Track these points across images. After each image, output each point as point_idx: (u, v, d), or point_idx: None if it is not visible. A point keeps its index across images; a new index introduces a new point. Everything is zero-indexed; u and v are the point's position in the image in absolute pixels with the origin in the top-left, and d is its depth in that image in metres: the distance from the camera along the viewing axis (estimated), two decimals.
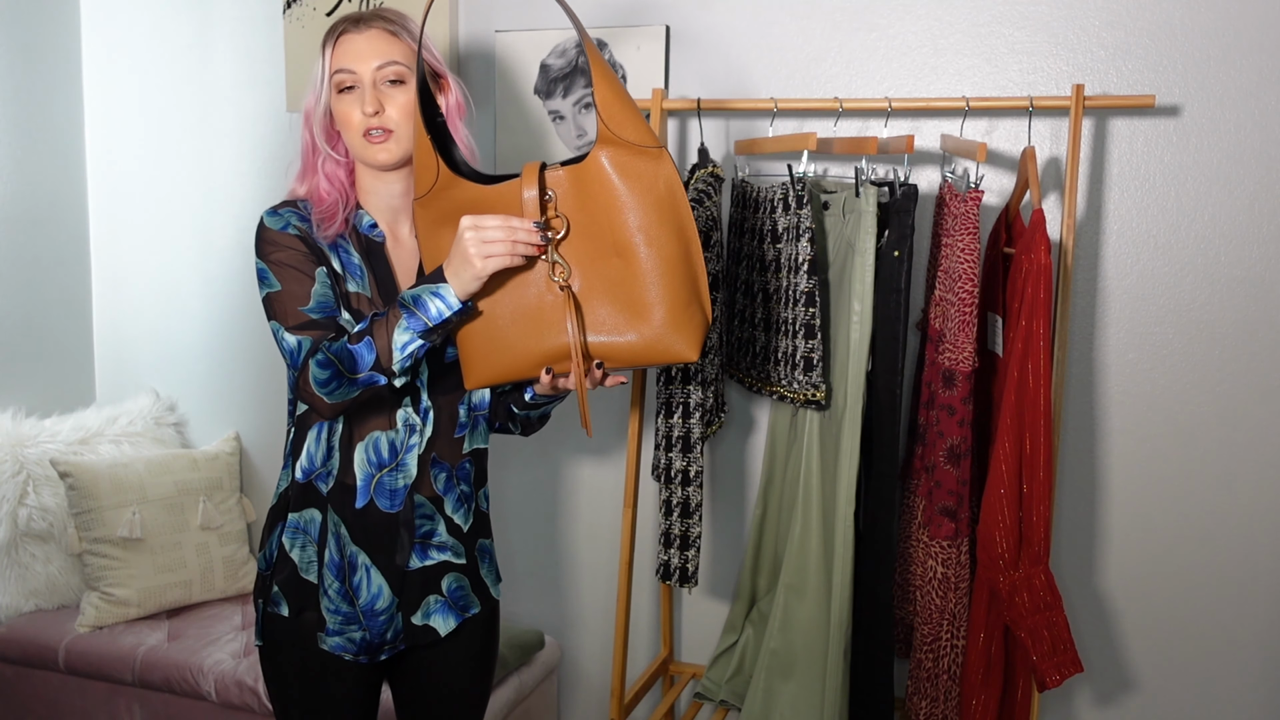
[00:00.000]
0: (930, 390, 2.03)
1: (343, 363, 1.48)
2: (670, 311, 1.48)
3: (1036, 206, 1.88)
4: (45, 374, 2.93)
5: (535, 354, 1.52)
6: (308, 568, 1.63)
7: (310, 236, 1.60)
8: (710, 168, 2.20)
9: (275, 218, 1.61)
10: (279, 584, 1.63)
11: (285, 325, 1.54)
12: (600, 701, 2.73)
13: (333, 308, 1.57)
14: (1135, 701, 2.33)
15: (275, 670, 1.67)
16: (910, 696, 2.12)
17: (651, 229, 1.47)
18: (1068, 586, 2.32)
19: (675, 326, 1.48)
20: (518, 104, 2.55)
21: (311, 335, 1.53)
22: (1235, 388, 2.19)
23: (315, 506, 1.63)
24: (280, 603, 1.63)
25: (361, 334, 1.48)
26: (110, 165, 2.97)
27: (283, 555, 1.64)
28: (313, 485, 1.63)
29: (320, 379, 1.49)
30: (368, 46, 1.57)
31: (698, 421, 2.11)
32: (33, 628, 2.57)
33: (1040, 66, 2.22)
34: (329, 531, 1.62)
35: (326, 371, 1.49)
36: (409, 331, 1.46)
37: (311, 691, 1.66)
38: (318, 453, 1.62)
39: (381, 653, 1.67)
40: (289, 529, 1.63)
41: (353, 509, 1.62)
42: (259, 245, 1.59)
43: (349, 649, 1.63)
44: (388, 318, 1.47)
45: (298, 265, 1.57)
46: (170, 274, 2.95)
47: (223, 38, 2.81)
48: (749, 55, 2.40)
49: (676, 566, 2.19)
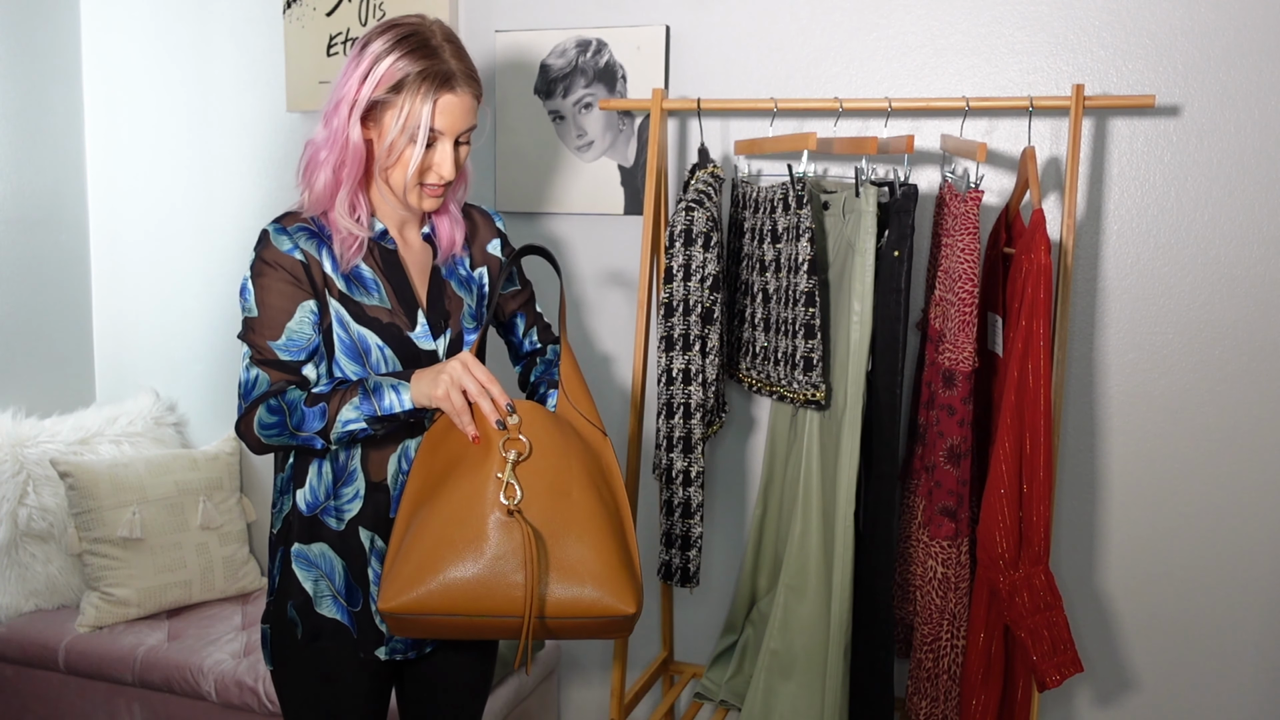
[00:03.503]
0: (930, 390, 2.03)
1: (291, 417, 1.51)
2: (623, 565, 1.47)
3: (1036, 206, 1.88)
4: (45, 374, 2.93)
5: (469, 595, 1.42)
6: (321, 601, 1.63)
7: (317, 262, 1.57)
8: (710, 168, 2.20)
9: (283, 236, 1.57)
10: (295, 610, 1.63)
11: (250, 354, 1.55)
12: (600, 701, 2.73)
13: (302, 347, 1.55)
14: (1135, 701, 2.34)
15: (291, 690, 1.68)
16: (910, 696, 2.12)
17: (593, 488, 1.49)
18: (1068, 586, 2.32)
19: (626, 579, 1.46)
20: (518, 104, 2.55)
21: (270, 375, 1.54)
22: (1235, 388, 2.19)
23: (325, 541, 1.63)
24: (296, 627, 1.63)
25: (318, 399, 1.51)
26: (110, 165, 2.97)
27: (295, 584, 1.63)
28: (319, 520, 1.62)
29: (266, 423, 1.52)
30: (463, 114, 1.56)
31: (698, 422, 2.11)
32: (33, 628, 2.57)
33: (1040, 66, 2.22)
34: (367, 549, 1.62)
35: (274, 418, 1.52)
36: (357, 411, 1.49)
37: (330, 708, 1.67)
38: (320, 486, 1.62)
39: (430, 643, 1.70)
40: (299, 559, 1.63)
41: (388, 518, 1.63)
42: (255, 258, 1.57)
43: (399, 649, 1.66)
44: (345, 392, 1.50)
45: (283, 295, 1.55)
46: (170, 274, 2.95)
47: (223, 38, 2.81)
48: (749, 55, 2.40)
49: (678, 567, 2.19)
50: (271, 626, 1.67)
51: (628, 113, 2.48)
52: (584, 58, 2.48)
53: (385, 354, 1.59)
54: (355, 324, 1.58)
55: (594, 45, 2.47)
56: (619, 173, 2.50)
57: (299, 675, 1.66)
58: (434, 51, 1.53)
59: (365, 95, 1.52)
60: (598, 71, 2.47)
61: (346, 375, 1.59)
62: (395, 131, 1.52)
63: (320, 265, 1.57)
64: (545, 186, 2.55)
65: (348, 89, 1.54)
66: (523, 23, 2.55)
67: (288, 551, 1.64)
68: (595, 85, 2.48)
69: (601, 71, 2.47)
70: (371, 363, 1.59)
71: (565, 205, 2.54)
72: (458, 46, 1.57)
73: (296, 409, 1.51)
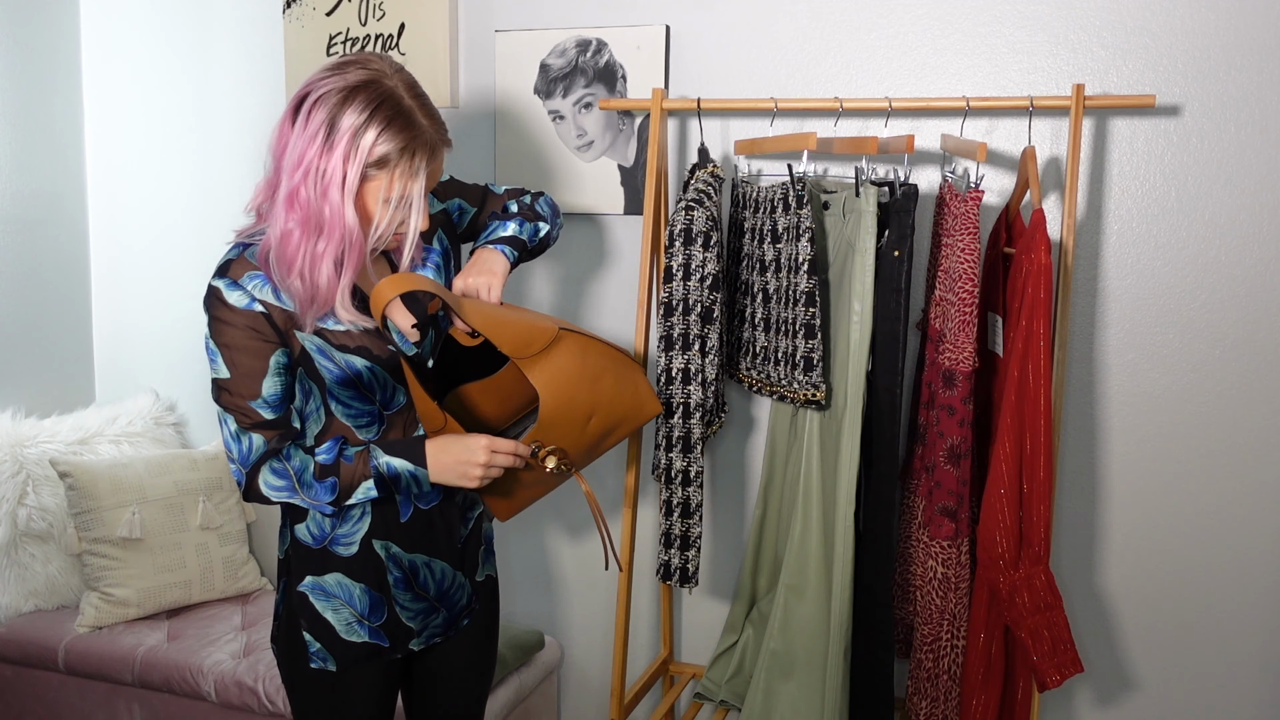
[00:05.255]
0: (930, 390, 2.03)
1: (300, 483, 1.52)
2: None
3: (1037, 206, 1.88)
4: (45, 374, 2.93)
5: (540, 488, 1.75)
6: (348, 629, 1.62)
7: (277, 308, 1.48)
8: (710, 168, 2.20)
9: (235, 290, 1.47)
10: (321, 643, 1.62)
11: (235, 421, 1.50)
12: (600, 701, 2.73)
13: (281, 399, 1.52)
14: (1135, 701, 2.33)
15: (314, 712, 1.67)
16: (910, 696, 2.12)
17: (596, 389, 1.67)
18: (1068, 586, 2.32)
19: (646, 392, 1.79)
20: (518, 104, 2.55)
21: (264, 435, 1.51)
22: (1235, 388, 2.19)
23: (339, 571, 1.62)
24: (327, 660, 1.63)
25: (326, 472, 1.51)
26: (110, 165, 2.97)
27: (314, 615, 1.62)
28: (329, 551, 1.61)
29: (275, 486, 1.52)
30: (438, 172, 1.53)
31: (698, 422, 2.11)
32: (32, 628, 2.56)
33: (1040, 66, 2.22)
34: (384, 558, 1.62)
35: (283, 481, 1.52)
36: (372, 493, 1.54)
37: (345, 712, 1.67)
38: (325, 519, 1.61)
39: (465, 617, 1.75)
40: (315, 592, 1.62)
41: (399, 524, 1.63)
42: (210, 320, 1.47)
43: (436, 634, 1.70)
44: (356, 471, 1.52)
45: (251, 353, 1.47)
46: (170, 274, 2.95)
47: (223, 38, 2.81)
48: (749, 55, 2.39)
49: (677, 567, 2.19)
50: (283, 651, 1.65)
51: (628, 112, 2.48)
52: (584, 57, 2.48)
53: (376, 371, 1.56)
54: (339, 352, 1.53)
55: (594, 45, 2.46)
56: (619, 172, 2.50)
57: (322, 696, 1.66)
58: (409, 117, 1.45)
59: (354, 178, 1.43)
60: (598, 71, 2.47)
61: (343, 403, 1.56)
62: (379, 207, 1.47)
63: (281, 308, 1.49)
64: (545, 186, 2.55)
65: (330, 171, 1.42)
66: (523, 23, 2.55)
67: (295, 583, 1.63)
68: (595, 85, 2.48)
69: (601, 71, 2.47)
70: (365, 384, 1.56)
71: (565, 205, 2.54)
72: (423, 100, 1.49)
73: (305, 479, 1.52)
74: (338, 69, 1.46)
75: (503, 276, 1.67)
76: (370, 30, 2.64)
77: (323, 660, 1.62)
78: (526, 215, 1.79)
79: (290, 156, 1.44)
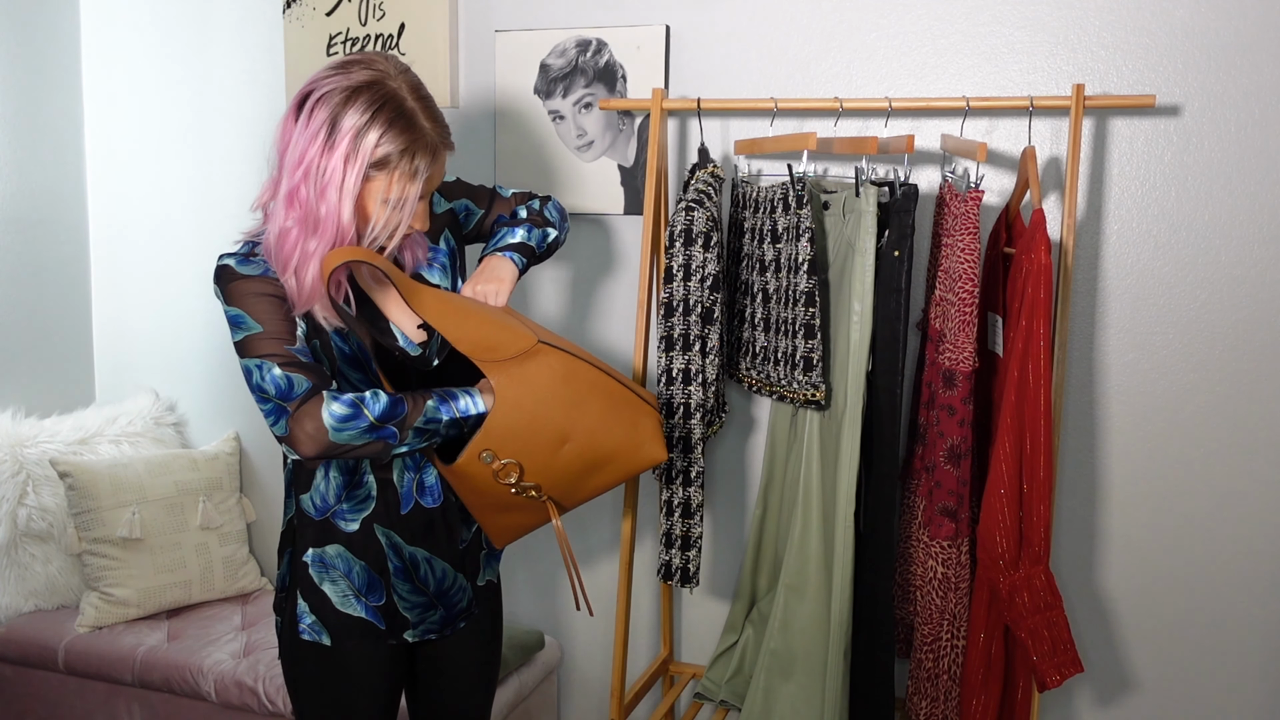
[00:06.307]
0: (930, 390, 2.03)
1: (364, 404, 1.45)
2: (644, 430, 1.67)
3: (1037, 206, 1.88)
4: (45, 374, 2.93)
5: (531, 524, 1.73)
6: (344, 601, 1.63)
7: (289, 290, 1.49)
8: (710, 168, 2.20)
9: (247, 264, 1.48)
10: (315, 614, 1.63)
11: (277, 365, 1.43)
12: (600, 701, 2.73)
13: (314, 358, 1.49)
14: (1135, 701, 2.33)
15: (305, 686, 1.68)
16: (910, 696, 2.12)
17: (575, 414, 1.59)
18: (1068, 586, 2.32)
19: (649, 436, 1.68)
20: (518, 104, 2.55)
21: (308, 378, 1.45)
22: (1235, 388, 2.19)
23: (340, 544, 1.62)
24: (320, 633, 1.63)
25: (390, 398, 1.48)
26: (110, 165, 2.97)
27: (310, 585, 1.62)
28: (331, 524, 1.61)
29: (340, 415, 1.43)
30: (440, 174, 1.53)
31: (698, 422, 2.11)
32: (32, 628, 2.57)
33: (1040, 66, 2.22)
34: (384, 545, 1.63)
35: (349, 409, 1.44)
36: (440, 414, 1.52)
37: (346, 704, 1.67)
38: (329, 490, 1.61)
39: (462, 620, 1.74)
40: (315, 564, 1.62)
41: (399, 515, 1.63)
42: (228, 289, 1.46)
43: (432, 630, 1.70)
44: (418, 399, 1.50)
45: (278, 308, 1.46)
46: (170, 274, 2.95)
47: (222, 38, 2.81)
48: (749, 55, 2.39)
49: (678, 567, 2.19)
50: (283, 622, 1.67)
51: (628, 112, 2.48)
52: (584, 57, 2.48)
53: None
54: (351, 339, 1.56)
55: (594, 45, 2.46)
56: (619, 173, 2.50)
57: (314, 672, 1.66)
58: (412, 119, 1.45)
59: (355, 181, 1.43)
60: (598, 71, 2.47)
61: (354, 385, 1.57)
62: (377, 207, 1.47)
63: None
64: (545, 186, 2.55)
65: (330, 171, 1.42)
66: (523, 23, 2.55)
67: (299, 554, 1.64)
68: (595, 85, 2.48)
69: (601, 71, 2.47)
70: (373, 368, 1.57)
71: (565, 205, 2.54)
72: (427, 103, 1.49)
73: (367, 400, 1.45)
74: (342, 68, 1.46)
75: (510, 283, 1.67)
76: (370, 30, 2.64)
77: (316, 634, 1.62)
78: (535, 221, 1.79)
79: (292, 155, 1.45)
